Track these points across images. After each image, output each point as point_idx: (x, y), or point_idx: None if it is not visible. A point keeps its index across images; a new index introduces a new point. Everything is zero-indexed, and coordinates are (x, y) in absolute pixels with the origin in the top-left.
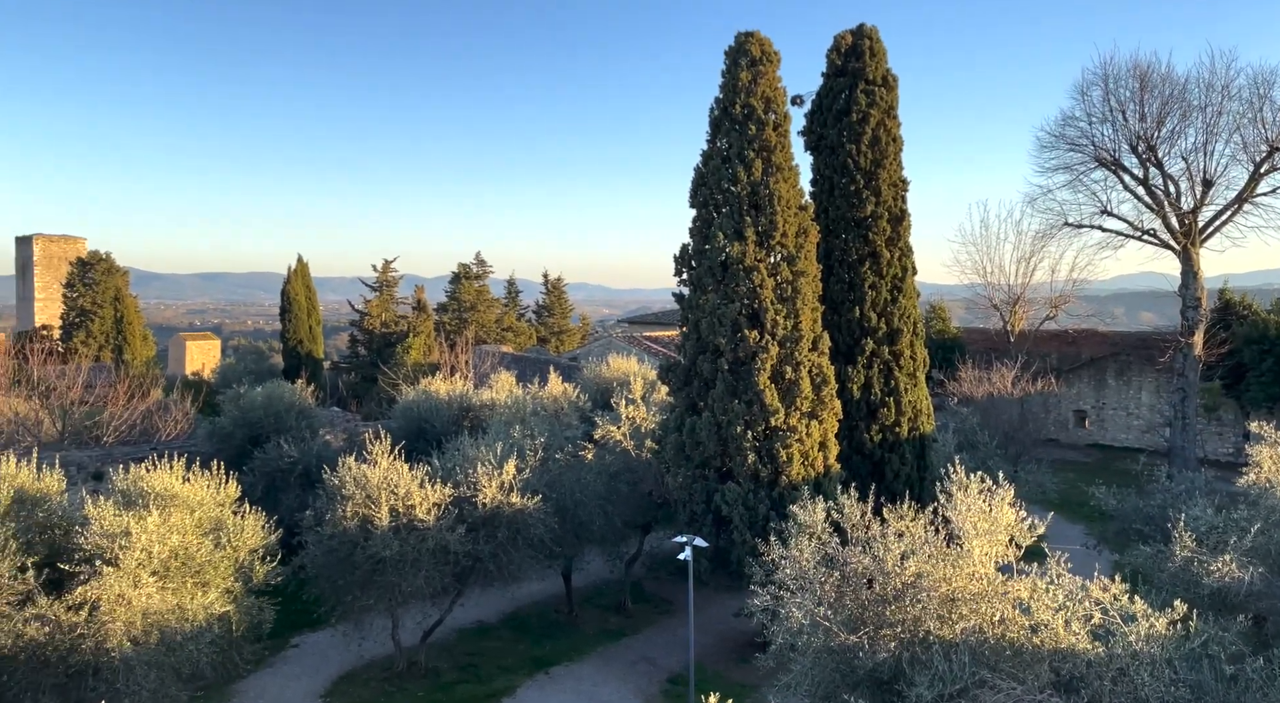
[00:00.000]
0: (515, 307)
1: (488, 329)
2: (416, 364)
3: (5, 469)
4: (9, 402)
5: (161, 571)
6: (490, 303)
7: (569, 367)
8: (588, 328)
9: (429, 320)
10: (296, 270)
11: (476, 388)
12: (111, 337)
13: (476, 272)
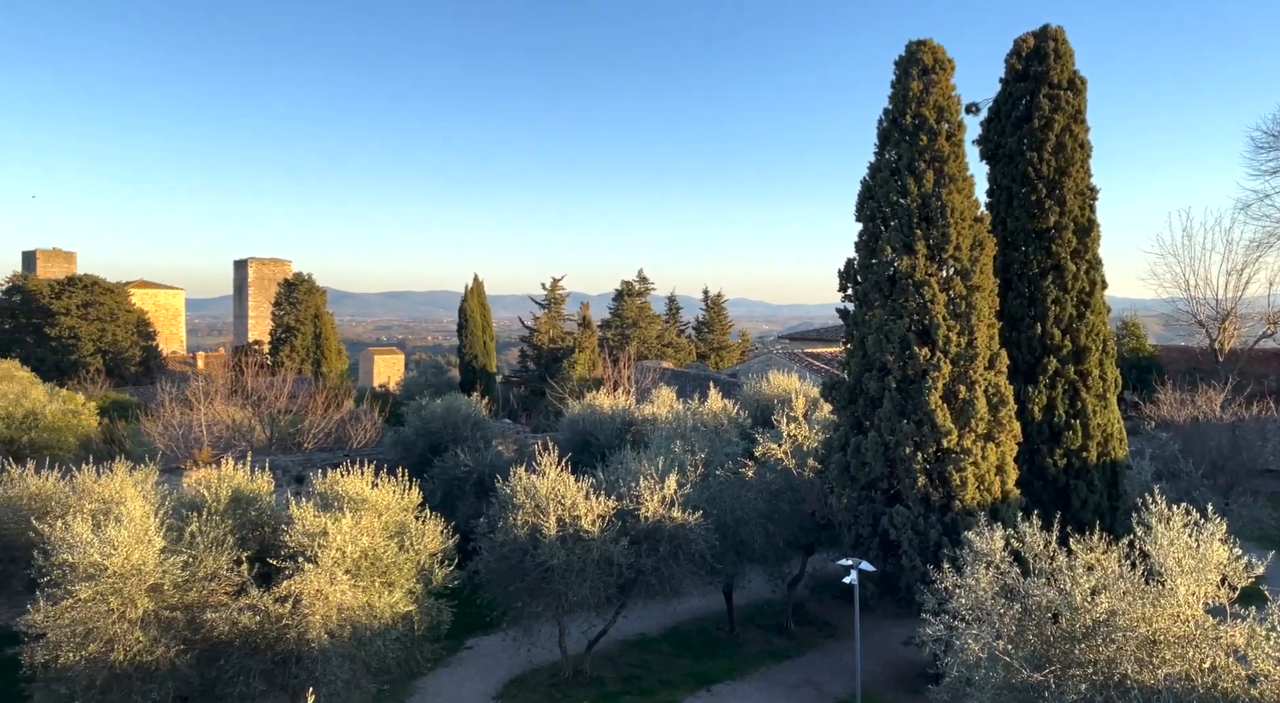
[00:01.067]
0: (676, 323)
1: (649, 345)
2: (581, 379)
3: (225, 470)
4: (228, 410)
5: (353, 570)
6: (652, 319)
7: (729, 383)
8: (747, 344)
9: (593, 336)
10: (472, 289)
11: (639, 403)
12: (311, 351)
13: (639, 289)
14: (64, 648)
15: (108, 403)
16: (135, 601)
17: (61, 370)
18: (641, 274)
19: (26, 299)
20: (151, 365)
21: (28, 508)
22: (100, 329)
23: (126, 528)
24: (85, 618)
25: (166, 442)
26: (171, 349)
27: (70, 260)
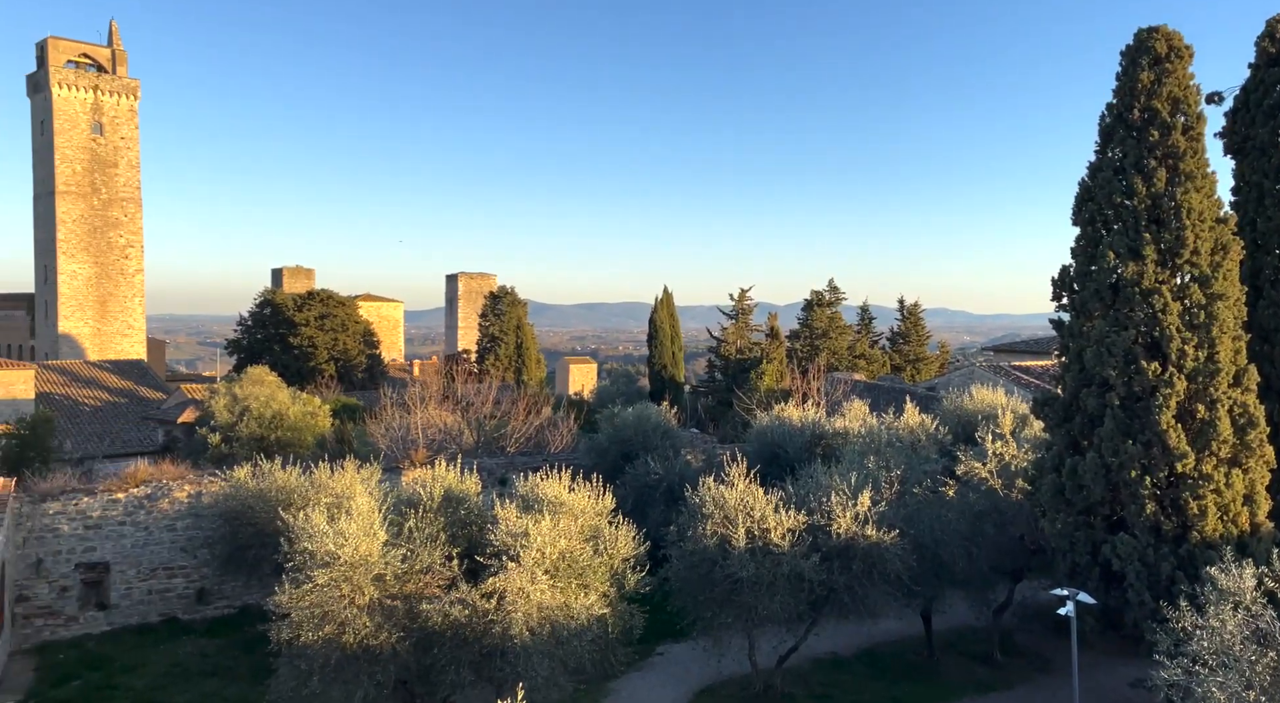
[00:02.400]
0: (868, 333)
1: (839, 356)
2: (769, 390)
3: (439, 471)
4: (440, 414)
5: (552, 570)
6: (842, 330)
7: (926, 396)
8: (946, 356)
9: (781, 347)
10: (662, 300)
11: (829, 415)
12: (513, 360)
13: (829, 298)
14: (304, 628)
15: (339, 406)
16: (363, 588)
17: (301, 376)
18: (832, 284)
19: (274, 311)
20: (375, 372)
21: (276, 499)
22: (333, 339)
23: (356, 521)
24: (321, 602)
25: (387, 442)
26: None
27: (310, 276)
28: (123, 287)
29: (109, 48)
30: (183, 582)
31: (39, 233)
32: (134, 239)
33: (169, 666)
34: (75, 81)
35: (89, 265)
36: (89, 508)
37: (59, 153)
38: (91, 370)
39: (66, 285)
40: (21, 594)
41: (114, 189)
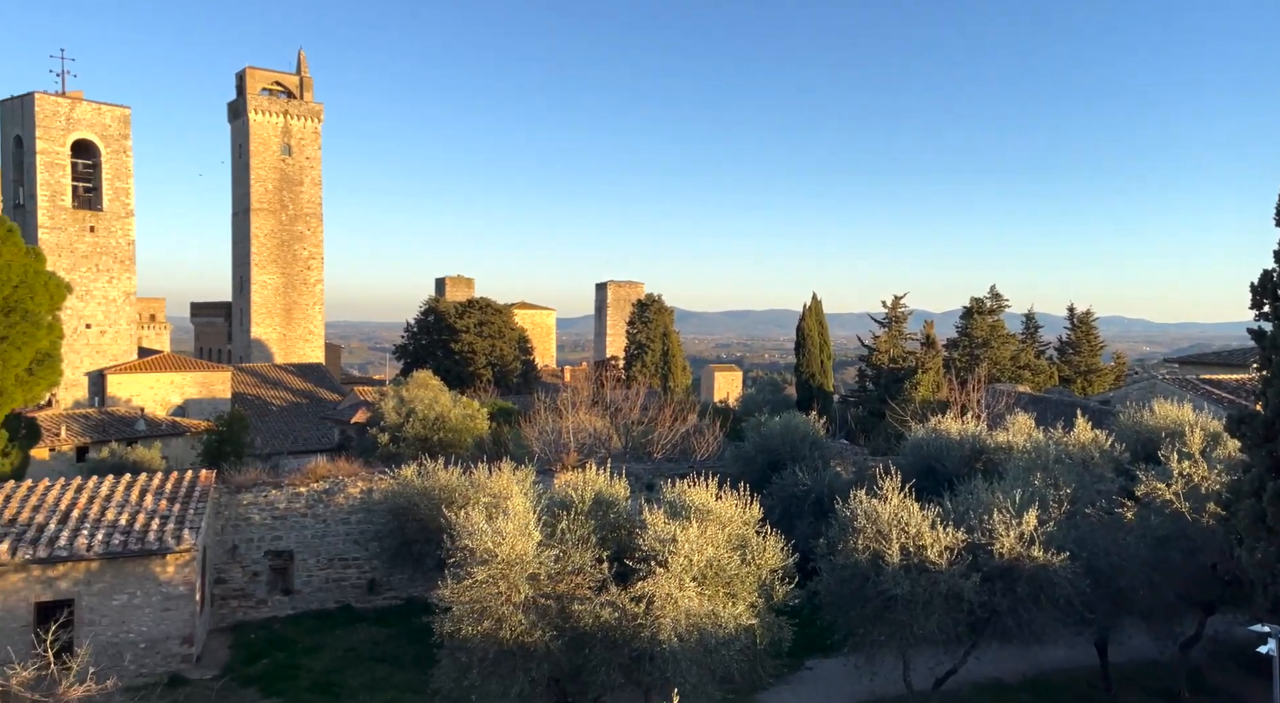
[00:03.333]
0: (1034, 343)
1: (1002, 367)
2: (925, 401)
3: (589, 474)
4: (590, 419)
5: (700, 577)
6: (1005, 339)
7: (1099, 411)
8: (1123, 368)
9: (938, 357)
10: (810, 308)
11: (990, 429)
12: (660, 366)
13: (990, 306)
14: (464, 622)
15: (495, 409)
16: (518, 586)
17: (461, 380)
18: (994, 290)
19: (437, 319)
20: (529, 377)
21: (438, 497)
22: (491, 345)
23: (512, 521)
24: (480, 597)
25: (540, 445)
26: (544, 362)
27: (470, 285)
28: (305, 295)
29: (297, 75)
30: (355, 572)
31: (236, 247)
32: (315, 251)
33: (344, 650)
34: (268, 107)
35: (277, 276)
36: (276, 500)
37: (253, 173)
38: (278, 373)
39: (258, 294)
40: (219, 577)
41: (299, 205)
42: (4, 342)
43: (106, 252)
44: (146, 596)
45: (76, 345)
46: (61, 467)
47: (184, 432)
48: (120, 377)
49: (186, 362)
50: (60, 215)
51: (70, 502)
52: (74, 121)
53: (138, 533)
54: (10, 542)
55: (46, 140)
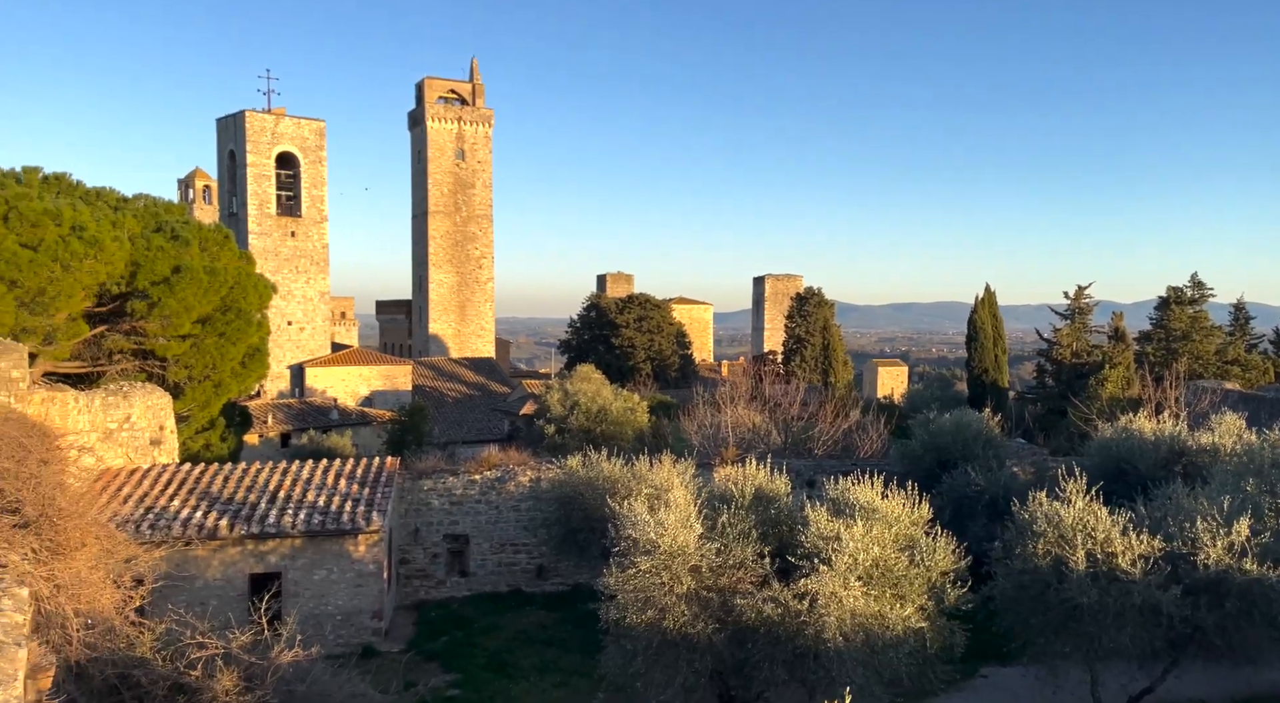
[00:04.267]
0: (1244, 336)
1: (1205, 362)
2: (1113, 398)
3: (749, 469)
4: (749, 414)
5: (865, 577)
6: (1209, 331)
7: None
8: None
9: (1128, 351)
10: (983, 299)
11: (1191, 429)
12: (819, 361)
13: (1190, 295)
14: (629, 610)
15: (654, 403)
16: (681, 577)
17: (622, 374)
18: (1195, 278)
19: (599, 314)
20: (687, 371)
21: (602, 487)
22: (650, 340)
23: (674, 513)
24: (643, 587)
25: (699, 439)
26: (702, 357)
27: (630, 281)
28: (477, 293)
29: (470, 82)
30: (525, 558)
31: (415, 248)
32: (486, 251)
33: (516, 631)
34: (444, 115)
35: (452, 275)
36: (453, 487)
37: (431, 178)
38: (453, 366)
39: (435, 292)
40: (403, 557)
41: (472, 207)
42: (222, 338)
43: (304, 254)
44: (342, 572)
45: (280, 341)
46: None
47: (371, 421)
48: (316, 370)
49: (373, 356)
50: (266, 222)
51: (277, 483)
52: (278, 136)
53: (334, 514)
54: (229, 518)
55: (255, 153)
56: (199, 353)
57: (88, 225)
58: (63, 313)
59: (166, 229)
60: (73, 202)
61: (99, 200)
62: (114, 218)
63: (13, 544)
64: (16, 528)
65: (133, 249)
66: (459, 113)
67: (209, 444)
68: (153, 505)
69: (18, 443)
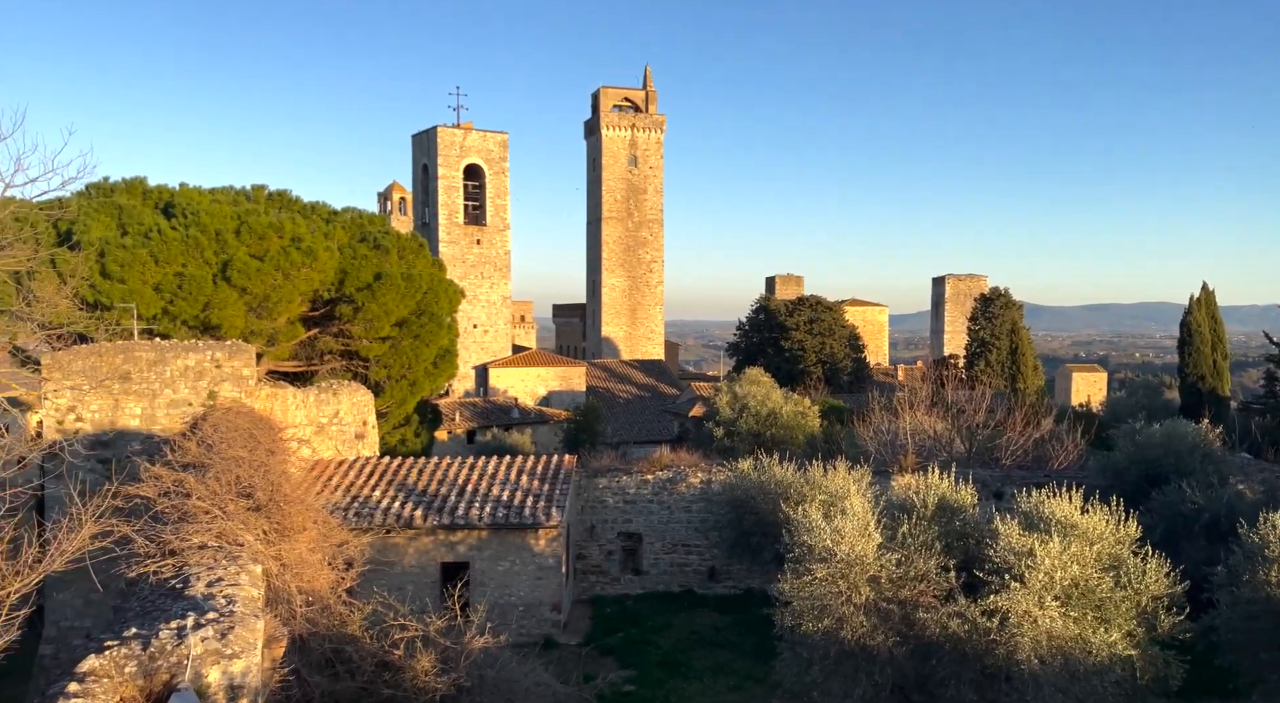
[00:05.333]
0: None
1: None
2: None
3: (931, 479)
4: (929, 420)
5: (1063, 597)
6: None
7: None
8: None
9: None
10: (1200, 299)
11: None
12: (1006, 366)
13: None
14: (805, 618)
15: (826, 407)
16: (858, 587)
17: (791, 377)
18: None
19: (768, 317)
20: (860, 375)
21: (774, 492)
22: (821, 342)
23: (850, 520)
24: (819, 595)
25: (876, 446)
26: (876, 361)
27: (800, 283)
28: (647, 296)
29: (643, 90)
30: (697, 559)
31: (589, 253)
32: (657, 255)
33: (688, 632)
34: (618, 122)
35: (624, 279)
36: (626, 486)
37: (604, 185)
38: (624, 368)
39: (607, 296)
40: (580, 553)
41: (643, 213)
42: (416, 340)
43: (488, 261)
44: (523, 564)
45: (466, 343)
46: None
47: (548, 420)
48: (498, 370)
49: (549, 357)
50: (454, 230)
51: (465, 477)
52: (466, 149)
53: (516, 508)
54: (423, 509)
55: (445, 166)
56: (396, 354)
57: (304, 237)
58: (283, 317)
59: (370, 239)
60: (291, 216)
61: (313, 214)
62: (326, 229)
63: (248, 526)
64: (250, 511)
65: (341, 258)
66: (632, 120)
67: (404, 439)
68: (358, 495)
69: (249, 434)
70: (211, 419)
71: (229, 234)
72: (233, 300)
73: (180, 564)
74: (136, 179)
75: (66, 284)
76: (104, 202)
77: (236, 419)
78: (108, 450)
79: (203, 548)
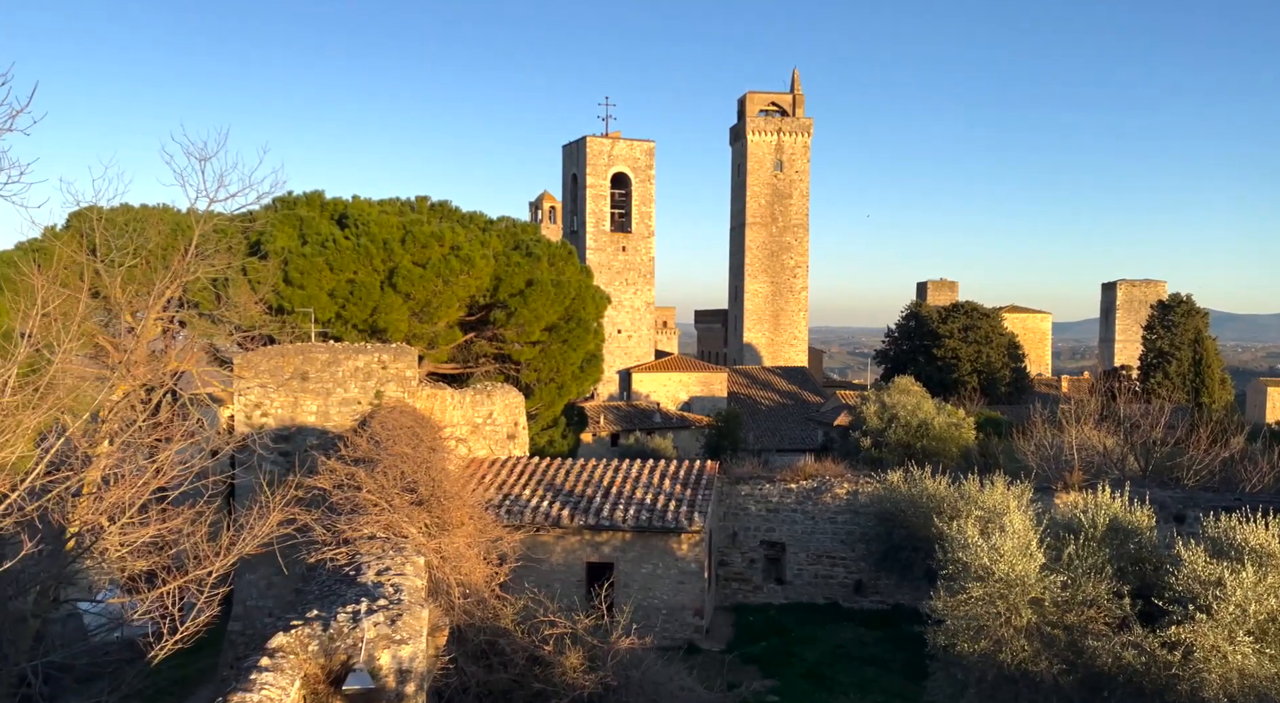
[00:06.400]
0: None
1: None
2: None
3: (1101, 498)
4: (1098, 435)
5: (1258, 633)
6: None
7: None
8: None
9: None
10: None
11: None
12: (1188, 378)
13: None
14: (960, 638)
15: (982, 419)
16: (1019, 609)
17: (944, 387)
18: None
19: (919, 324)
20: (1019, 386)
21: (926, 506)
22: (976, 351)
23: (1010, 539)
24: (976, 615)
25: (1037, 461)
26: (1037, 371)
27: (953, 289)
28: (791, 302)
29: (790, 93)
30: (842, 572)
31: (732, 259)
32: (801, 261)
33: (833, 645)
34: (764, 127)
35: (766, 284)
36: (769, 494)
37: (749, 191)
38: (766, 375)
39: (750, 302)
40: (722, 560)
41: (788, 218)
42: (565, 344)
43: (633, 267)
44: (666, 568)
45: (610, 347)
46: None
47: (689, 425)
48: (641, 375)
49: (691, 363)
50: (601, 238)
51: (609, 479)
52: (613, 157)
53: (659, 512)
54: (570, 509)
55: (593, 175)
56: (546, 358)
57: (463, 245)
58: (442, 321)
59: (523, 247)
60: (451, 225)
61: (471, 223)
62: (482, 238)
63: (412, 519)
64: (414, 505)
65: (496, 265)
66: (778, 124)
67: (552, 440)
68: (509, 493)
69: (412, 432)
70: (379, 417)
71: (395, 243)
72: (398, 305)
73: (353, 553)
74: (315, 192)
75: (256, 291)
76: (287, 214)
77: (401, 418)
78: (288, 444)
79: (371, 538)
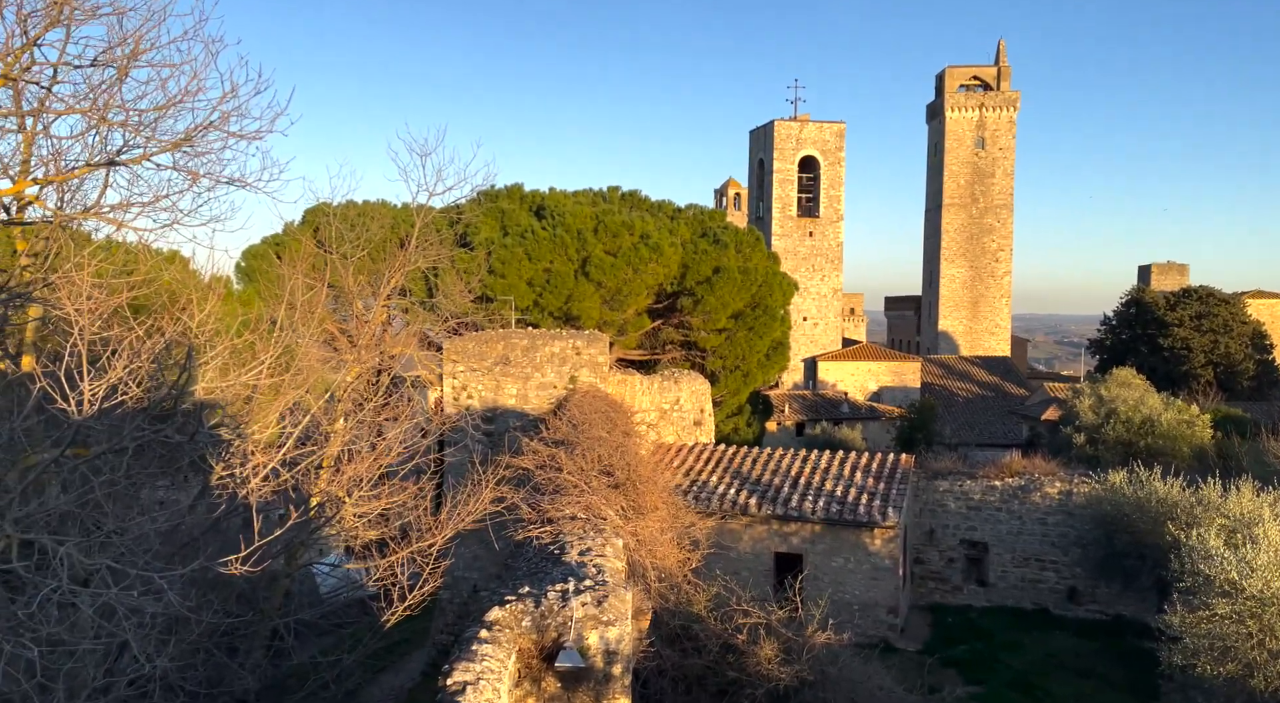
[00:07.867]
0: None
1: None
2: None
3: None
4: None
5: None
6: None
7: None
8: None
9: None
10: None
11: None
12: None
13: None
14: (1201, 658)
15: (1219, 416)
16: (1274, 631)
17: (1172, 380)
18: None
19: (1141, 311)
20: (1266, 380)
21: (1156, 511)
22: (1212, 341)
23: (1264, 552)
24: (1221, 634)
25: None
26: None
27: (1183, 273)
28: (992, 288)
29: (994, 66)
30: (1054, 576)
31: (927, 242)
32: (1004, 244)
33: (1043, 654)
34: (964, 103)
35: (964, 269)
36: (970, 490)
37: (947, 170)
38: (963, 365)
39: (946, 288)
40: (917, 558)
41: (989, 198)
42: (750, 332)
43: (820, 253)
44: (858, 562)
45: (796, 335)
46: (784, 438)
47: (880, 416)
48: (828, 363)
49: (881, 352)
50: (787, 223)
51: (798, 470)
52: (801, 141)
53: (850, 505)
54: (757, 498)
55: (781, 160)
56: (731, 345)
57: (651, 234)
58: (631, 309)
59: (709, 234)
60: (640, 214)
61: (660, 212)
62: (670, 226)
63: (609, 501)
64: (610, 488)
65: (683, 253)
66: (980, 99)
67: (737, 428)
68: (696, 479)
69: (606, 416)
70: (574, 401)
71: (588, 233)
72: (590, 293)
73: (556, 532)
74: (515, 185)
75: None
76: (490, 206)
77: (595, 402)
78: (491, 425)
79: (573, 519)
